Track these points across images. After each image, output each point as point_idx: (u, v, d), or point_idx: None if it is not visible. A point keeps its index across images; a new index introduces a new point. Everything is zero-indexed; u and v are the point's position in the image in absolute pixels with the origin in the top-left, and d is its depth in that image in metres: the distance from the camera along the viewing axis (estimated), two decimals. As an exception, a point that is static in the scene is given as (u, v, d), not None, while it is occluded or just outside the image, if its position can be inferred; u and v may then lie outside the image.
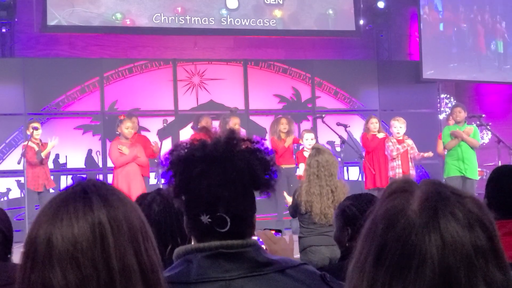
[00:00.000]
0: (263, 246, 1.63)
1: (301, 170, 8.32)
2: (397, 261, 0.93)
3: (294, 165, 8.51)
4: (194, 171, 1.40)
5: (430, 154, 8.34)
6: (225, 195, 1.38)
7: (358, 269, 0.98)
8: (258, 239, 1.64)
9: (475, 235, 0.93)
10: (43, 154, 8.00)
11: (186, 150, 1.44)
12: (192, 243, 1.46)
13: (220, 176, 1.39)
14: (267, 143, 8.58)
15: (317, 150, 4.90)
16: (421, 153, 8.17)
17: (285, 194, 5.61)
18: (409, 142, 8.27)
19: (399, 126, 8.28)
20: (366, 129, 8.82)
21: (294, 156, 8.70)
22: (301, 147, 8.55)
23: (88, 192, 1.03)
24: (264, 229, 1.82)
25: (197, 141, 1.44)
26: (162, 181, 1.48)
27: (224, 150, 1.42)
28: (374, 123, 8.72)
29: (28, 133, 8.21)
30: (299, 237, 4.84)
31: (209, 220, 1.40)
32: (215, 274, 1.37)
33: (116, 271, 0.98)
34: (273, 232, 1.83)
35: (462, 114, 8.29)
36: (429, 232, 0.92)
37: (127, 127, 7.92)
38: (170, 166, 1.44)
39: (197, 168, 1.40)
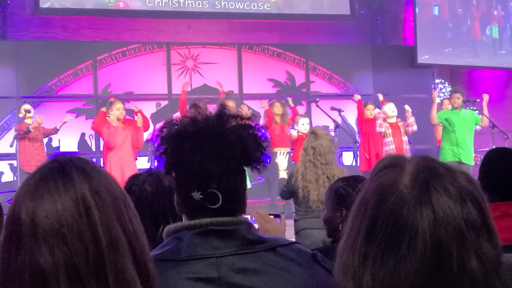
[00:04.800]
0: (255, 225, 1.63)
1: (293, 132, 8.32)
2: (388, 236, 0.92)
3: (289, 148, 8.50)
4: (185, 146, 1.39)
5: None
6: (217, 171, 1.37)
7: (349, 245, 0.97)
8: (251, 218, 1.63)
9: (467, 209, 0.93)
10: (58, 126, 8.26)
11: (176, 127, 1.43)
12: (184, 221, 1.45)
13: (212, 152, 1.38)
14: (261, 120, 8.57)
15: (314, 135, 4.80)
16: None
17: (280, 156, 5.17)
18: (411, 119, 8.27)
19: (390, 110, 8.28)
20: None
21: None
22: (296, 132, 8.53)
23: (66, 167, 1.02)
24: (271, 215, 1.81)
25: (187, 117, 1.43)
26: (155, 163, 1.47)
27: (216, 125, 1.41)
28: (371, 110, 8.76)
29: (21, 115, 8.17)
30: (294, 220, 4.83)
31: (201, 196, 1.39)
32: (205, 251, 1.36)
33: (104, 243, 0.97)
34: (272, 216, 1.82)
35: (459, 100, 8.33)
36: (421, 206, 0.92)
37: (118, 109, 7.72)
38: (161, 143, 1.43)
39: (188, 144, 1.39)
